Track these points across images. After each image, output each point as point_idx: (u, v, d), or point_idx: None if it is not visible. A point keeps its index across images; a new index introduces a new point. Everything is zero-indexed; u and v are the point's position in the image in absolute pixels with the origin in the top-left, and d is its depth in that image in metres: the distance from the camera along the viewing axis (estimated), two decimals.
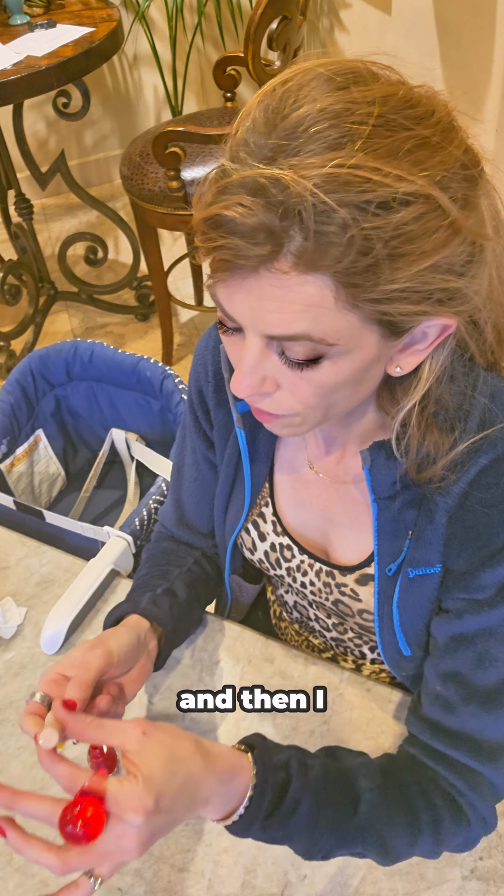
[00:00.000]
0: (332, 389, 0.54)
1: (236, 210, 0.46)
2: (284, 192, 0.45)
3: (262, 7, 1.65)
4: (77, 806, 0.50)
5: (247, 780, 0.58)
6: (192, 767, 0.55)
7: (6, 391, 1.34)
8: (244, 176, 0.46)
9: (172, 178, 1.90)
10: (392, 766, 0.67)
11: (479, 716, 0.64)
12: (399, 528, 0.65)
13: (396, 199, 0.45)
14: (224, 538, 0.84)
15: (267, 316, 0.49)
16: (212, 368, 0.76)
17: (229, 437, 0.77)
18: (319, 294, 0.47)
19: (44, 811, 0.52)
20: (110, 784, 0.51)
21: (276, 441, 0.77)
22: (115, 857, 0.52)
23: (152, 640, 0.74)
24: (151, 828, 0.52)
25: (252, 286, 0.48)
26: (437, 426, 0.59)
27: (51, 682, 0.62)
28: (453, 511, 0.61)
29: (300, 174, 0.44)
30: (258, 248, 0.46)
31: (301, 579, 0.80)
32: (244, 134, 0.48)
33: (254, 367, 0.53)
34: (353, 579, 0.74)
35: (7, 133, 2.27)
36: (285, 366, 0.53)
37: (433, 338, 0.54)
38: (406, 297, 0.48)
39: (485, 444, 0.59)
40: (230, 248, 0.47)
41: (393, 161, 0.45)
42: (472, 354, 0.61)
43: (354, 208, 0.45)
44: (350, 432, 0.68)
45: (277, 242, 0.46)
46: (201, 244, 0.49)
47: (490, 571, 0.61)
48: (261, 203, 0.45)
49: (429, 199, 0.46)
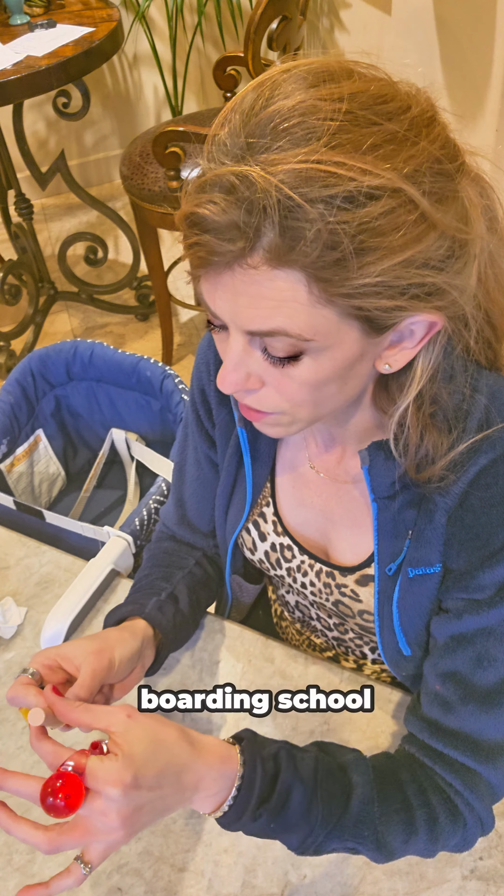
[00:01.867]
0: (315, 386, 0.54)
1: (208, 208, 0.47)
2: (251, 188, 0.46)
3: (262, 7, 1.65)
4: (58, 780, 0.52)
5: (234, 770, 0.59)
6: (176, 751, 0.56)
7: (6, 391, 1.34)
8: (216, 174, 0.47)
9: (172, 178, 1.90)
10: (388, 764, 0.67)
11: (477, 715, 0.64)
12: (399, 528, 0.65)
13: (362, 192, 0.45)
14: (225, 538, 0.84)
15: (244, 311, 0.50)
16: (214, 367, 0.76)
17: (231, 437, 0.77)
18: (292, 289, 0.48)
19: (31, 788, 0.54)
20: (90, 761, 0.53)
21: (277, 441, 0.77)
22: (102, 837, 0.53)
23: (150, 648, 0.75)
24: (131, 803, 0.53)
25: (228, 282, 0.49)
26: (435, 426, 0.59)
27: (45, 666, 0.63)
28: (453, 511, 0.61)
29: (267, 170, 0.45)
30: (229, 244, 0.47)
31: (301, 580, 0.80)
32: (221, 134, 0.49)
33: (237, 363, 0.54)
34: (354, 580, 0.74)
35: (7, 133, 2.27)
36: (268, 362, 0.53)
37: (421, 335, 0.54)
38: (379, 291, 0.49)
39: (484, 444, 0.59)
40: (204, 245, 0.48)
41: (357, 155, 0.46)
42: (471, 352, 0.60)
43: (320, 203, 0.45)
44: (348, 431, 0.68)
45: (248, 238, 0.47)
46: (182, 242, 0.51)
47: (489, 571, 0.61)
48: (231, 200, 0.46)
49: (398, 193, 0.46)
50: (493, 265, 0.57)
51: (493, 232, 0.56)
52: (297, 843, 0.62)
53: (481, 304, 0.57)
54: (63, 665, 0.64)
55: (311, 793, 0.61)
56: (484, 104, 2.06)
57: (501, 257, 0.58)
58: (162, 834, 0.74)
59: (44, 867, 0.73)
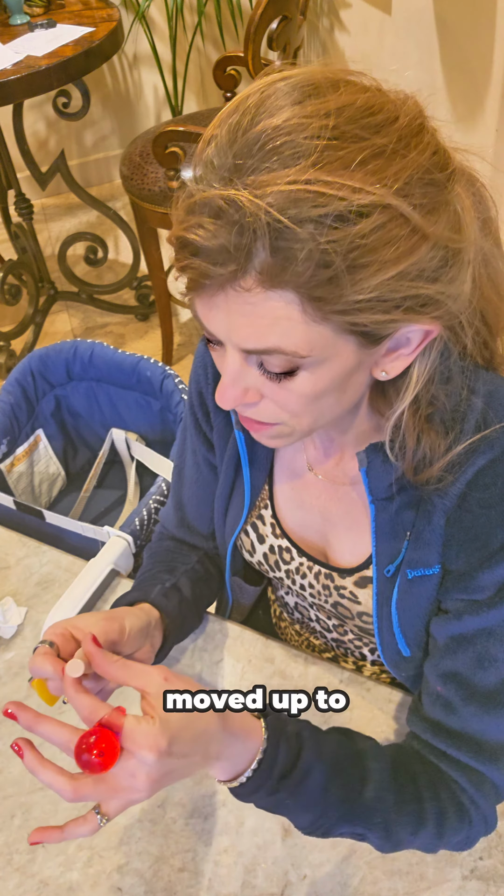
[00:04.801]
0: (313, 398, 0.54)
1: (197, 233, 0.47)
2: (240, 212, 0.45)
3: (262, 7, 1.65)
4: (93, 736, 0.52)
5: (258, 742, 0.59)
6: (207, 719, 0.56)
7: (6, 391, 1.34)
8: (204, 197, 0.47)
9: (172, 178, 1.90)
10: (401, 755, 0.67)
11: (479, 716, 0.64)
12: (397, 530, 0.65)
13: (353, 211, 0.45)
14: (224, 540, 0.84)
15: (239, 331, 0.50)
16: (211, 371, 0.76)
17: (229, 440, 0.78)
18: (285, 309, 0.48)
19: (63, 737, 0.53)
20: (128, 720, 0.52)
21: None
22: (125, 794, 0.53)
23: (158, 631, 0.75)
24: (162, 769, 0.52)
25: (221, 303, 0.50)
26: (432, 428, 0.59)
27: (59, 634, 0.62)
28: (451, 512, 0.61)
29: (255, 193, 0.45)
30: (221, 268, 0.47)
31: (300, 581, 0.80)
32: (208, 152, 0.49)
33: (235, 379, 0.54)
34: (352, 581, 0.74)
35: (7, 133, 2.27)
36: (265, 377, 0.54)
37: (417, 343, 0.54)
38: (373, 306, 0.49)
39: (482, 445, 0.59)
40: (196, 269, 0.48)
41: (346, 173, 0.45)
42: (468, 352, 0.60)
43: (311, 223, 0.45)
44: (346, 435, 0.68)
45: (239, 261, 0.47)
46: (174, 262, 0.51)
47: (489, 572, 0.61)
48: (220, 224, 0.46)
49: (388, 209, 0.46)
50: (486, 266, 0.57)
51: (486, 233, 0.56)
52: (307, 822, 0.62)
53: (476, 305, 0.57)
54: (75, 634, 0.63)
55: (330, 774, 0.61)
56: (484, 104, 2.06)
57: (495, 257, 0.58)
58: (162, 834, 0.74)
59: (44, 867, 0.73)
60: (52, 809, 0.76)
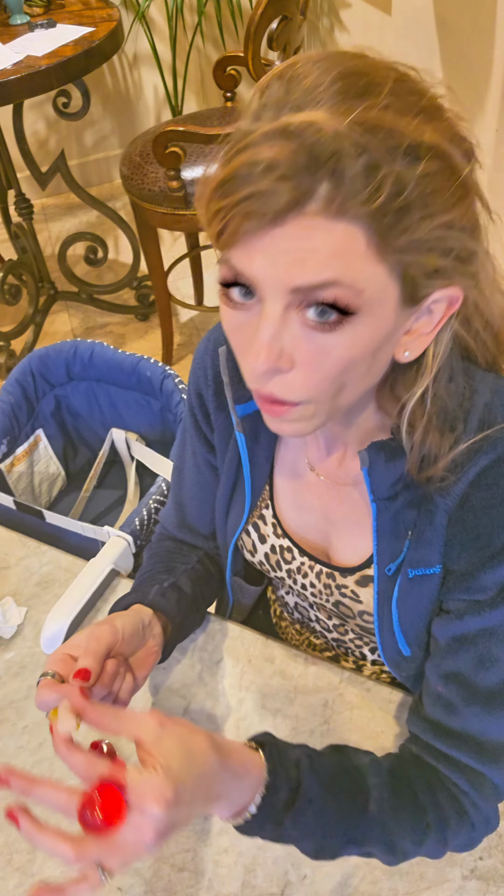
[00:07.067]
0: (347, 364, 0.52)
1: (267, 154, 0.45)
2: (318, 133, 0.45)
3: (262, 7, 1.65)
4: (96, 794, 0.49)
5: (258, 778, 0.58)
6: (208, 760, 0.54)
7: (6, 391, 1.34)
8: (274, 126, 0.46)
9: (172, 178, 1.90)
10: (399, 766, 0.67)
11: (481, 717, 0.64)
12: (399, 529, 0.65)
13: (419, 147, 0.46)
14: (225, 541, 0.84)
15: (293, 267, 0.48)
16: (211, 372, 0.76)
17: (230, 441, 0.77)
18: (349, 240, 0.47)
19: (61, 799, 0.51)
20: (130, 774, 0.50)
21: (276, 444, 0.77)
22: (131, 850, 0.51)
23: (157, 625, 0.75)
24: (170, 820, 0.50)
25: (277, 237, 0.47)
26: (436, 427, 0.59)
27: (59, 661, 0.62)
28: (454, 512, 0.61)
29: (334, 118, 0.45)
30: (287, 193, 0.45)
31: (302, 581, 0.80)
32: (260, 101, 0.49)
33: (274, 335, 0.50)
34: (354, 581, 0.74)
35: (7, 133, 2.27)
36: (307, 330, 0.51)
37: (438, 317, 0.54)
38: (430, 248, 0.49)
39: (485, 445, 0.59)
40: (257, 197, 0.46)
41: (410, 116, 0.47)
42: (471, 354, 0.61)
43: (386, 152, 0.45)
44: (350, 433, 0.68)
45: (307, 187, 0.45)
46: (216, 207, 0.48)
47: (491, 572, 0.61)
48: (292, 147, 0.45)
49: (444, 156, 0.48)
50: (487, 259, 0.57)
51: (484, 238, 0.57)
52: (313, 849, 0.62)
53: (478, 302, 0.57)
54: (72, 654, 0.63)
55: (331, 799, 0.61)
56: (484, 104, 2.06)
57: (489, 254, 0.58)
58: None
59: (44, 867, 0.73)
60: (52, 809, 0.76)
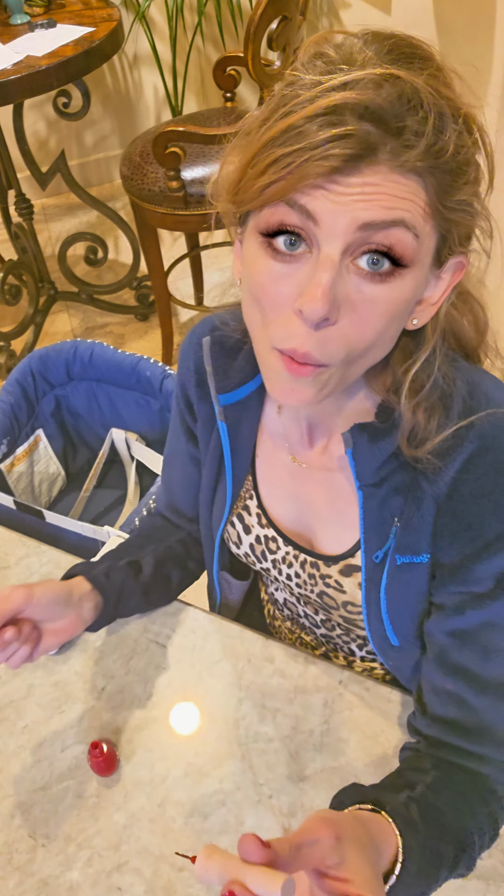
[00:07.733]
0: (388, 321, 0.53)
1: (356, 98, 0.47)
2: (403, 86, 0.47)
3: (262, 7, 1.65)
4: None
5: (394, 845, 0.57)
6: (370, 847, 0.52)
7: (6, 391, 1.34)
8: (368, 73, 0.47)
9: (172, 178, 1.90)
10: (450, 781, 0.66)
11: (496, 706, 0.65)
12: (385, 516, 0.65)
13: (468, 116, 0.50)
14: (211, 533, 0.85)
15: (363, 206, 0.49)
16: (193, 363, 0.77)
17: (212, 431, 0.79)
18: (414, 191, 0.49)
19: None
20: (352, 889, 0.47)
21: (257, 433, 0.77)
22: None
23: (89, 601, 0.78)
24: None
25: (350, 180, 0.48)
26: (425, 402, 0.60)
27: None
28: (442, 501, 0.62)
29: (408, 74, 0.48)
30: (371, 137, 0.47)
31: (286, 571, 0.80)
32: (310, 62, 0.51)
33: (332, 280, 0.50)
34: (338, 570, 0.74)
35: (7, 133, 2.27)
36: (355, 283, 0.51)
37: (446, 284, 0.57)
38: (468, 211, 0.53)
39: (470, 433, 0.60)
40: (339, 140, 0.47)
41: (455, 89, 0.51)
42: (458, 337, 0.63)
43: (450, 114, 0.49)
44: (337, 420, 0.69)
45: (399, 133, 0.48)
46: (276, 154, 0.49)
47: (486, 563, 0.61)
48: (381, 94, 0.47)
49: (481, 130, 0.52)
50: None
51: None
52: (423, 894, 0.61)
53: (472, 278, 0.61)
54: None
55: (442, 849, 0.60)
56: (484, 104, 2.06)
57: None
58: (162, 833, 0.74)
59: (44, 866, 0.73)
60: (51, 809, 0.76)
